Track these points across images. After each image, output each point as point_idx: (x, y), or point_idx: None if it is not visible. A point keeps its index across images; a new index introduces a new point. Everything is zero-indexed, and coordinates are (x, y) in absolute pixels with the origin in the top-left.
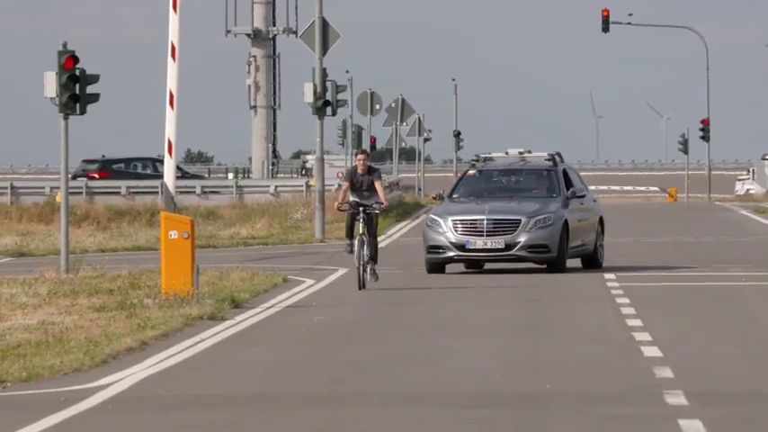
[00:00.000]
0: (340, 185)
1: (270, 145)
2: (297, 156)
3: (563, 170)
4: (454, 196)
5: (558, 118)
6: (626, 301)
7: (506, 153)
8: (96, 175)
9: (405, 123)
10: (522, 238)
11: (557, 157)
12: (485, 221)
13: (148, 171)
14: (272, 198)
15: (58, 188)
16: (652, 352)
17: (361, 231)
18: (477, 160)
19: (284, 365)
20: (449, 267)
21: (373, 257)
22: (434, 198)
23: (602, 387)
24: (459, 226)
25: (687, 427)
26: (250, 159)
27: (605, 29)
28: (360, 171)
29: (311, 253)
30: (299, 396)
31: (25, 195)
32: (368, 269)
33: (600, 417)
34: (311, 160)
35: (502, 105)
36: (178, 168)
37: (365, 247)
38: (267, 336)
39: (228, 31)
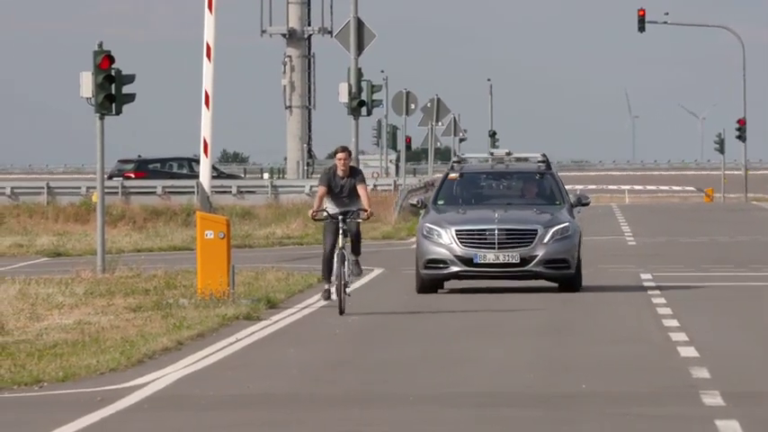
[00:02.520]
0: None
1: (305, 145)
2: (332, 156)
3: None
4: (439, 203)
5: (593, 118)
6: (662, 300)
7: (491, 154)
8: (132, 175)
9: (440, 123)
10: (540, 252)
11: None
12: (496, 231)
13: (184, 171)
14: (307, 198)
15: (95, 188)
16: (688, 352)
17: (341, 245)
18: (459, 161)
19: (319, 366)
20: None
21: (355, 251)
22: (415, 206)
23: (638, 387)
24: (464, 236)
25: (724, 428)
26: (285, 159)
27: (641, 28)
28: (340, 173)
29: None
30: (333, 396)
31: (61, 195)
32: (347, 290)
33: (635, 417)
34: None
35: (537, 105)
36: (214, 168)
37: (345, 263)
38: (302, 336)
39: (264, 32)
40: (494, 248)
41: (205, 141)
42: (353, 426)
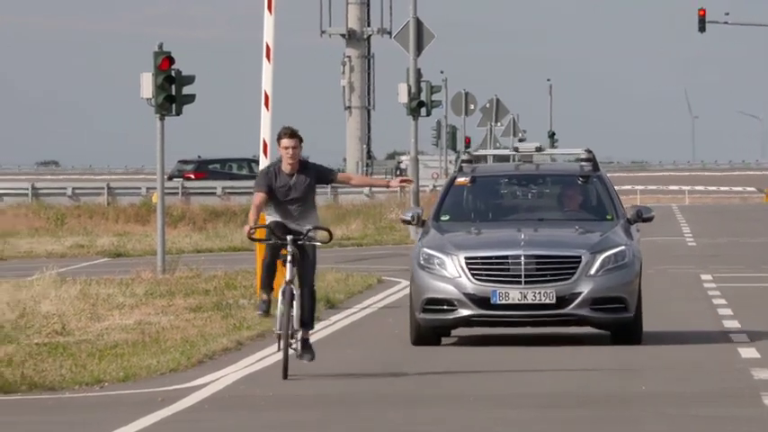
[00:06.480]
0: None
1: (364, 145)
2: (391, 156)
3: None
4: (443, 219)
5: (653, 118)
6: (723, 301)
7: (515, 150)
8: (192, 176)
9: (499, 124)
10: (585, 288)
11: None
12: (522, 259)
13: (244, 171)
14: (366, 199)
15: (155, 189)
16: (750, 353)
17: (288, 277)
18: (469, 161)
19: (378, 366)
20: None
21: (306, 322)
22: (408, 222)
23: (699, 388)
24: (478, 267)
25: None
26: (345, 160)
27: (701, 28)
28: (286, 170)
29: (406, 254)
30: (390, 396)
31: (122, 196)
32: (296, 341)
33: (696, 418)
34: (405, 161)
35: (597, 105)
36: None
37: (295, 303)
38: (361, 336)
39: (323, 32)
40: (519, 284)
41: (264, 142)
42: (413, 426)
